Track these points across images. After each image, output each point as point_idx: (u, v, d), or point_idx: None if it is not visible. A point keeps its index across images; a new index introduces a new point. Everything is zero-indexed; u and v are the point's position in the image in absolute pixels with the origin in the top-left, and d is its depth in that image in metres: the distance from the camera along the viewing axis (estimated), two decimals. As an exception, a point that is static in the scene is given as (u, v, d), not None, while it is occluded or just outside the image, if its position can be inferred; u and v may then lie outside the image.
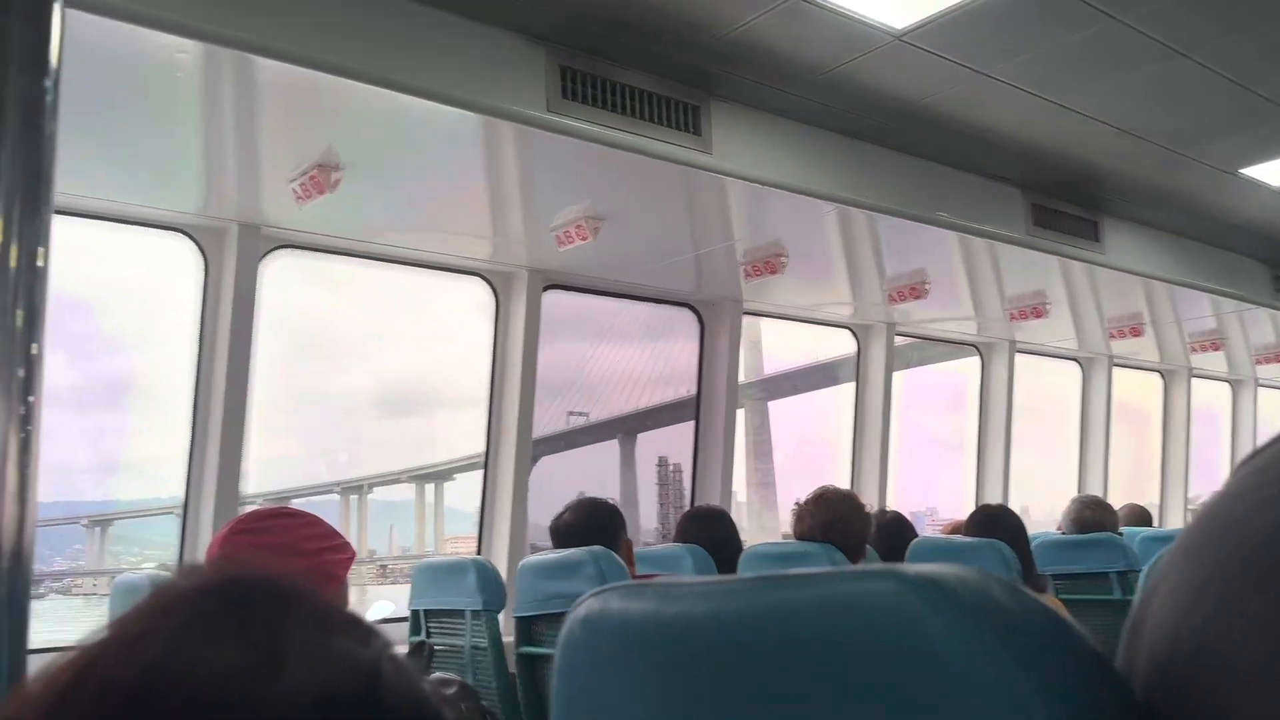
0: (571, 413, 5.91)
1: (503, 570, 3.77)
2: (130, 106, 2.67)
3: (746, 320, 4.95)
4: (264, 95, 2.67)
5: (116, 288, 3.83)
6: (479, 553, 4.20)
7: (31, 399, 0.85)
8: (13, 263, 0.83)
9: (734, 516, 3.76)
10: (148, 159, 3.05)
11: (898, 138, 3.66)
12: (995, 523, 3.25)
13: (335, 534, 2.06)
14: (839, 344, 5.55)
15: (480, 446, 4.24)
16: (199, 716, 0.40)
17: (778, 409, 6.50)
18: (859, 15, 2.79)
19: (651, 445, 5.96)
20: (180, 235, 3.49)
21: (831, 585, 0.59)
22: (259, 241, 3.53)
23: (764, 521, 6.11)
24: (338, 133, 2.87)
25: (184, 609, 0.44)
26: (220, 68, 2.50)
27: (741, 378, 5.09)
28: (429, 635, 3.17)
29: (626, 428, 6.00)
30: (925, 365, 6.24)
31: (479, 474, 4.24)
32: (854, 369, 5.38)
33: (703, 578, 0.67)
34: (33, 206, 0.83)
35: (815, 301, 5.07)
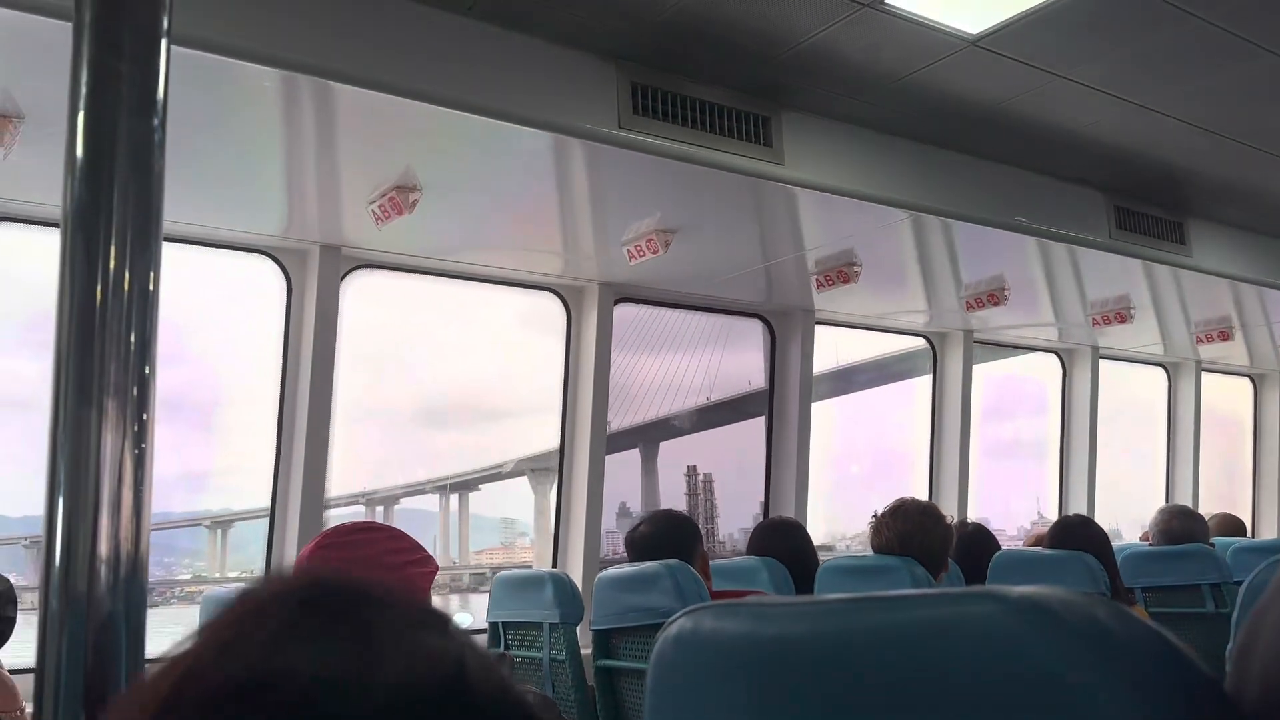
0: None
1: (578, 582, 3.79)
2: (216, 134, 2.76)
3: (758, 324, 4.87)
4: (343, 120, 2.75)
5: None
6: (554, 565, 4.24)
7: (145, 417, 0.89)
8: (126, 290, 0.88)
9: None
10: (233, 184, 3.16)
11: (974, 143, 3.61)
12: (1077, 535, 3.17)
13: (419, 548, 2.10)
14: (860, 348, 5.36)
15: (500, 457, 4.22)
16: (300, 713, 0.42)
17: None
18: (932, 22, 2.76)
19: (674, 454, 5.82)
20: (264, 257, 3.61)
21: (931, 607, 0.59)
22: (340, 262, 3.63)
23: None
24: (414, 155, 2.94)
25: (275, 614, 0.46)
26: (301, 94, 2.58)
27: (748, 385, 4.98)
28: (507, 647, 3.21)
29: (648, 436, 5.81)
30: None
31: (503, 484, 4.21)
32: (885, 372, 5.20)
33: (796, 598, 0.67)
34: (143, 240, 0.88)
35: (889, 309, 5.01)
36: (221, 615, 0.47)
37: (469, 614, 3.97)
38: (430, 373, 4.72)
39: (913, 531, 2.97)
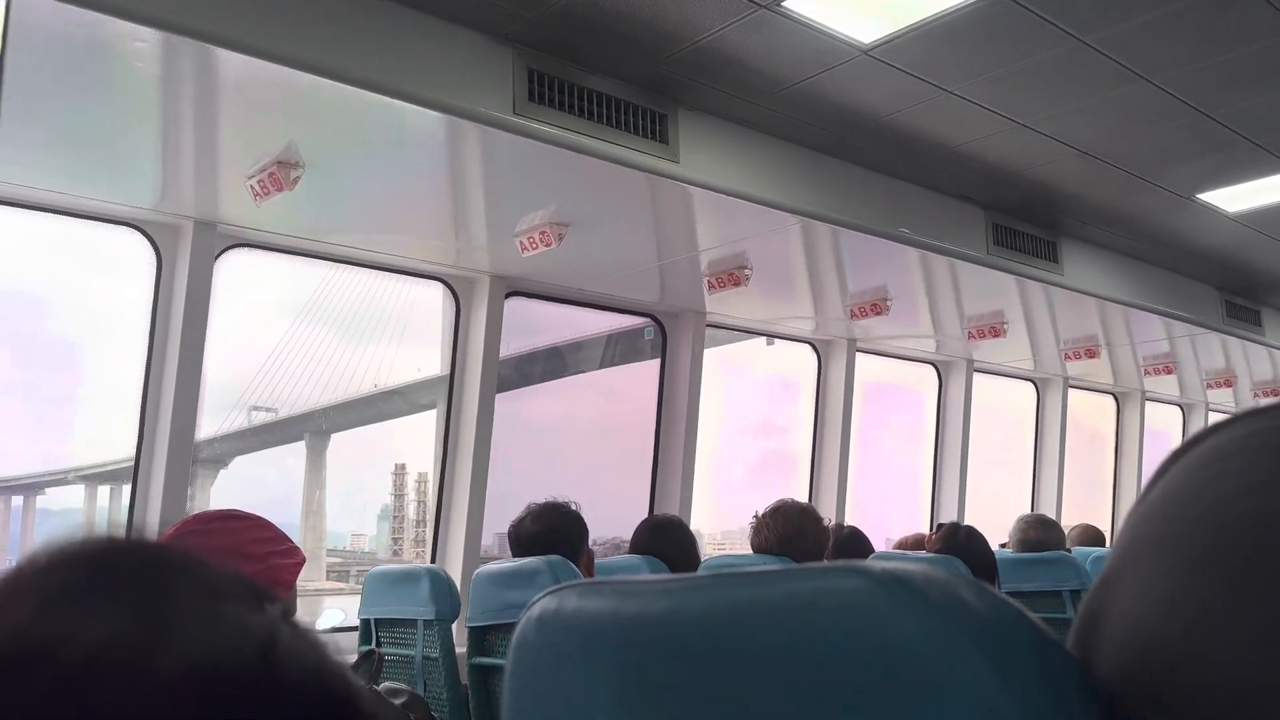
0: (255, 408, 4.95)
1: (457, 579, 3.72)
2: (85, 95, 2.61)
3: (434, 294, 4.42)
4: (225, 89, 2.62)
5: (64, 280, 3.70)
6: (432, 560, 4.15)
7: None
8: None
9: (398, 534, 3.54)
10: (102, 151, 2.98)
11: (862, 153, 3.67)
12: (961, 543, 3.27)
13: (284, 538, 2.03)
14: (582, 324, 4.92)
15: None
16: (74, 686, 0.37)
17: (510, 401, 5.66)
18: (827, 29, 2.79)
19: (353, 446, 5.05)
20: (134, 231, 3.42)
21: (795, 582, 0.57)
22: (215, 239, 3.47)
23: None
24: (299, 129, 2.82)
25: (60, 572, 0.41)
26: (180, 59, 2.45)
27: (417, 373, 4.56)
28: (379, 645, 3.12)
29: (313, 426, 5.09)
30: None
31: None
32: (652, 359, 4.92)
33: (662, 575, 0.65)
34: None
35: (778, 315, 5.08)
36: (9, 569, 0.41)
37: (340, 611, 3.85)
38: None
39: (790, 533, 3.02)
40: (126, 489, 3.50)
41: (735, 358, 4.99)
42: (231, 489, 4.49)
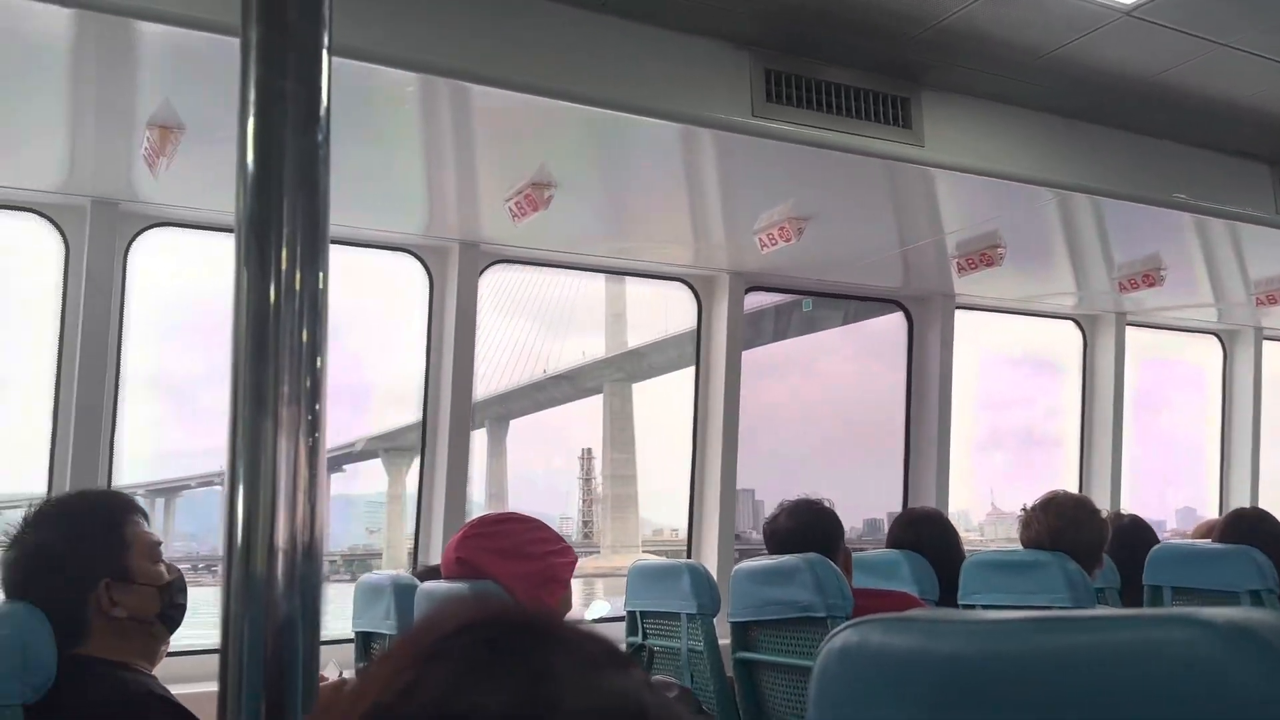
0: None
1: (713, 573, 3.79)
2: (360, 138, 2.85)
3: (598, 282, 4.54)
4: (479, 120, 2.81)
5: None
6: (688, 556, 4.25)
7: (318, 407, 0.92)
8: (298, 294, 0.92)
9: (588, 516, 3.52)
10: (378, 186, 3.26)
11: (1127, 117, 3.42)
12: (1253, 529, 2.98)
13: (558, 538, 2.16)
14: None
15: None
16: None
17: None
18: (1083, -7, 2.63)
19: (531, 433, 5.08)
20: (408, 255, 3.72)
21: (1122, 629, 0.55)
22: (478, 258, 3.71)
23: (625, 523, 4.94)
24: (549, 151, 2.97)
25: (457, 653, 0.46)
26: (439, 97, 2.64)
27: (601, 352, 4.49)
28: (645, 636, 3.23)
29: (492, 412, 5.15)
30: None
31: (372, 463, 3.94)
32: (908, 350, 4.73)
33: (969, 614, 0.64)
34: (312, 248, 0.91)
35: (1035, 293, 4.83)
36: (402, 651, 0.47)
37: (606, 603, 4.01)
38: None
39: (1064, 526, 2.85)
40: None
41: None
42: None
